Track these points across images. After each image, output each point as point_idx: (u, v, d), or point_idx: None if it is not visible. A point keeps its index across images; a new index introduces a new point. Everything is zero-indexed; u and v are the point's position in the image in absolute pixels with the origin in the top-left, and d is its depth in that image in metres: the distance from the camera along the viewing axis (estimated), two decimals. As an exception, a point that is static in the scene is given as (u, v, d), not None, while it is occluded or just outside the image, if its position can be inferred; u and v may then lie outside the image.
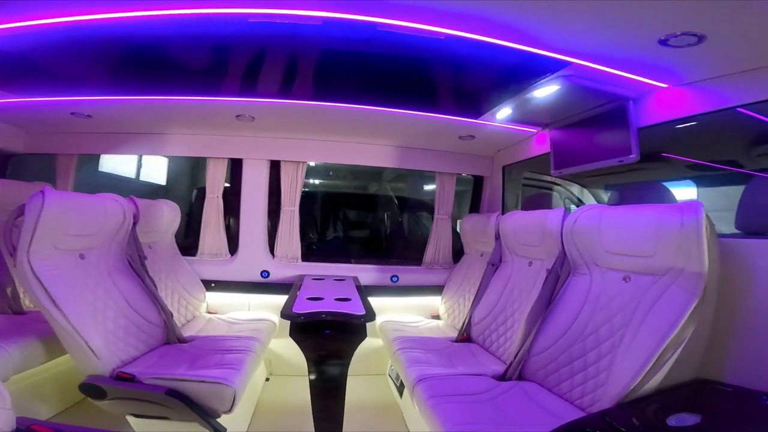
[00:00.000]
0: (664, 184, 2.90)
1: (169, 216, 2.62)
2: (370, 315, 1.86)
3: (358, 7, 1.27)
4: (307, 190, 3.90)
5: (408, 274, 3.07)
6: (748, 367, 1.28)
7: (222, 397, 1.60)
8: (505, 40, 1.40)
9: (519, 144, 2.71)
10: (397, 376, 2.38)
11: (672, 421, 1.07)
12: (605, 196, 3.25)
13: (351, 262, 3.10)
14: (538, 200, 2.51)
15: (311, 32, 1.46)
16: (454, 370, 1.94)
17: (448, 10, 1.24)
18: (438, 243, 3.08)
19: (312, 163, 3.56)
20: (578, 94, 1.80)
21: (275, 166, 2.93)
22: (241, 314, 2.74)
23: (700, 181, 2.67)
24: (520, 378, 1.83)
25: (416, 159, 3.02)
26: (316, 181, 4.14)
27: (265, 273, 2.89)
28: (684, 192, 2.79)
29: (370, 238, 3.88)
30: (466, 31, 1.37)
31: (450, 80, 1.93)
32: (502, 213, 2.76)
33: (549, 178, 3.64)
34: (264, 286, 2.88)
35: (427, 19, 1.31)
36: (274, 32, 1.48)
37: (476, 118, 2.29)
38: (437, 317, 3.06)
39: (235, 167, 2.92)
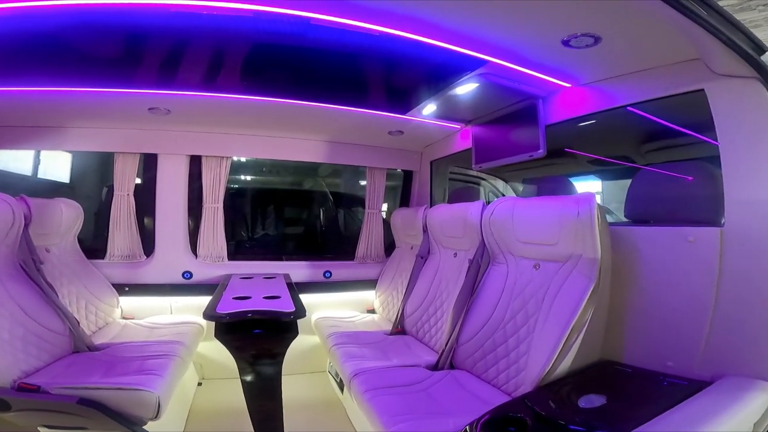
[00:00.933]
0: (574, 178, 3.20)
1: (68, 216, 2.37)
2: (301, 312, 1.84)
3: (291, 2, 1.26)
4: (236, 186, 3.73)
5: (341, 270, 3.07)
6: (643, 348, 1.43)
7: (144, 404, 1.52)
8: (431, 38, 1.44)
9: (445, 139, 2.81)
10: (337, 373, 2.39)
11: (582, 402, 1.17)
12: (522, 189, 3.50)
13: (282, 260, 3.03)
14: (463, 193, 2.63)
15: (241, 25, 1.41)
16: (389, 362, 1.97)
17: (377, 7, 1.26)
18: (370, 237, 3.11)
19: (243, 159, 3.42)
20: (495, 92, 1.90)
21: (196, 162, 2.75)
22: (163, 318, 2.57)
23: (603, 175, 2.96)
24: (452, 367, 1.90)
25: (346, 154, 3.01)
26: (247, 177, 3.96)
27: (187, 274, 2.73)
28: (589, 185, 3.10)
29: (304, 235, 3.80)
30: (396, 29, 1.39)
31: (380, 76, 1.95)
32: (430, 206, 2.85)
33: (475, 173, 3.83)
34: (187, 287, 2.71)
35: (357, 15, 1.32)
36: (198, 24, 1.40)
37: (404, 113, 2.34)
38: (372, 311, 3.10)
39: (150, 162, 2.70)
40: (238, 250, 3.18)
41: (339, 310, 2.97)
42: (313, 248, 3.62)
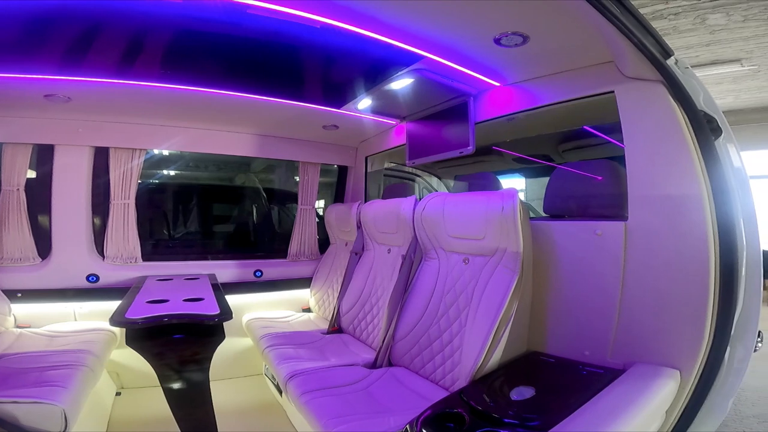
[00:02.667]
0: (501, 175, 3.37)
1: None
2: (226, 314, 1.74)
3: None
4: (157, 181, 3.43)
5: (273, 268, 2.95)
6: (563, 338, 1.51)
7: (48, 418, 1.38)
8: (368, 30, 1.42)
9: (380, 135, 2.80)
10: (273, 375, 2.29)
11: (514, 395, 1.22)
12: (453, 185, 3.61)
13: (208, 259, 2.83)
14: (397, 189, 2.64)
15: (167, 10, 1.32)
16: (327, 362, 1.93)
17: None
18: (303, 234, 3.02)
19: (165, 152, 3.15)
20: (430, 88, 1.92)
21: (103, 154, 2.47)
22: (65, 326, 2.29)
23: (527, 173, 3.15)
24: (390, 364, 1.90)
25: (278, 148, 2.89)
26: (171, 172, 3.65)
27: (93, 277, 2.44)
28: (515, 182, 3.27)
29: (233, 233, 3.59)
30: (333, 19, 1.35)
31: (314, 68, 1.88)
32: (365, 202, 2.83)
33: (410, 169, 3.89)
34: (93, 292, 2.43)
35: (293, 4, 1.27)
36: (114, 5, 1.28)
37: (339, 107, 2.29)
38: (308, 310, 3.02)
39: (45, 154, 2.37)
40: (156, 250, 2.92)
41: (272, 311, 2.86)
42: (243, 247, 3.43)
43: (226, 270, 2.78)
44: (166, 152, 3.17)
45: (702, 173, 1.19)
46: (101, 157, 2.48)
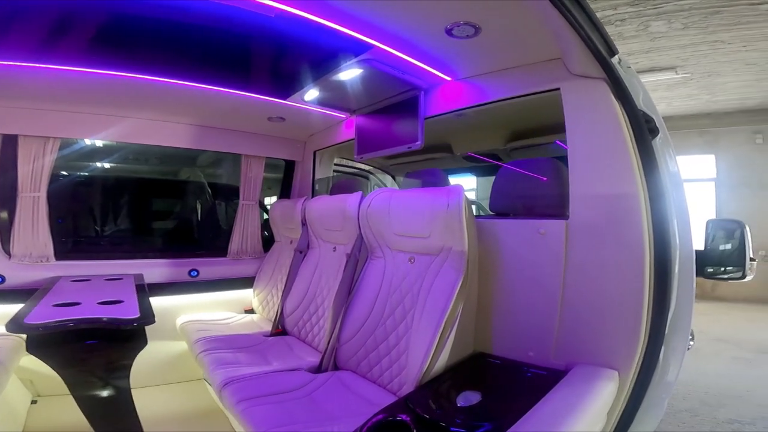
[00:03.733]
0: (452, 174, 3.37)
1: None
2: (147, 318, 1.59)
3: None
4: (86, 174, 3.12)
5: (211, 267, 2.76)
6: (508, 339, 1.48)
7: None
8: (314, 14, 1.34)
9: (330, 129, 2.69)
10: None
11: (461, 400, 1.17)
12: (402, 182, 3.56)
13: (137, 258, 2.59)
14: (347, 185, 2.54)
15: None
16: (269, 367, 1.81)
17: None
18: (245, 231, 2.84)
19: (99, 143, 2.87)
20: (380, 80, 1.84)
21: (12, 143, 2.18)
22: (-38, 332, 2.00)
23: (477, 172, 3.16)
24: (336, 367, 1.80)
25: (219, 140, 2.69)
26: (106, 165, 3.33)
27: None
28: (466, 181, 3.28)
29: (168, 230, 3.33)
30: (277, 1, 1.26)
31: (258, 56, 1.77)
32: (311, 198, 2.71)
33: (363, 166, 3.80)
34: None
35: None
36: None
37: (285, 98, 2.16)
38: (251, 311, 2.85)
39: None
40: (77, 248, 2.64)
41: (210, 312, 2.67)
42: (177, 245, 3.19)
43: (156, 269, 2.56)
44: (99, 143, 2.88)
45: (639, 172, 1.20)
46: (10, 147, 2.18)
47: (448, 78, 1.80)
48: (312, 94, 2.05)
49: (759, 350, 4.07)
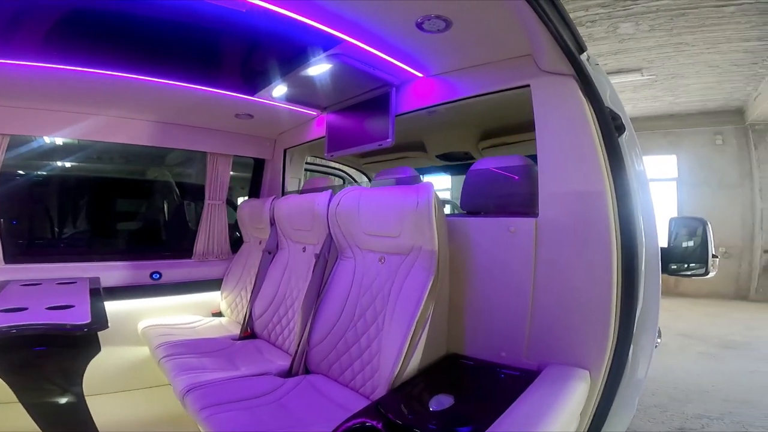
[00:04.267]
0: (426, 173, 3.34)
1: None
2: (99, 323, 1.51)
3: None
4: (44, 173, 2.93)
5: (175, 270, 2.64)
6: (481, 339, 1.46)
7: None
8: (284, 8, 1.29)
9: (300, 127, 2.61)
10: None
11: (433, 404, 1.14)
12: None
13: (94, 260, 2.45)
14: (318, 183, 2.48)
15: None
16: (236, 372, 1.73)
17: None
18: (211, 232, 2.73)
19: (59, 141, 2.72)
20: (350, 76, 1.79)
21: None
22: None
23: (452, 170, 3.14)
24: (307, 371, 1.74)
25: (183, 138, 2.57)
26: (66, 164, 3.14)
27: None
28: (443, 180, 3.27)
29: (129, 231, 3.16)
30: None
31: (224, 51, 1.70)
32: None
33: (337, 165, 3.73)
34: None
35: None
36: None
37: (252, 94, 2.08)
38: (219, 314, 2.74)
39: None
40: (30, 250, 2.47)
41: (175, 316, 2.56)
42: (138, 246, 3.04)
43: (115, 272, 2.43)
44: (59, 141, 2.72)
45: (606, 170, 1.19)
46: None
47: (420, 74, 1.77)
48: (280, 90, 1.98)
49: (722, 345, 4.22)
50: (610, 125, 1.23)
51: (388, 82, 1.84)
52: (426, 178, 2.06)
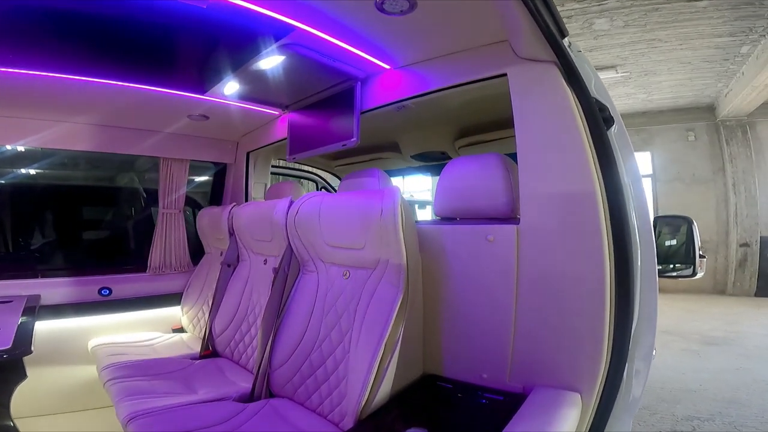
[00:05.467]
0: (402, 174, 3.17)
1: None
2: (22, 348, 1.38)
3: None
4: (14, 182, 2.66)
5: (129, 284, 2.40)
6: (460, 359, 1.30)
7: None
8: None
9: (263, 128, 2.39)
10: None
11: None
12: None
13: (36, 277, 2.20)
14: (283, 189, 2.27)
15: None
16: (192, 396, 1.54)
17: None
18: (167, 243, 2.49)
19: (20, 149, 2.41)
20: (308, 70, 1.59)
21: None
22: None
23: (433, 171, 2.96)
24: (271, 394, 1.55)
25: (131, 142, 2.32)
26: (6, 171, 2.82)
27: None
28: (423, 181, 3.09)
29: (75, 244, 2.83)
30: None
31: (167, 46, 1.50)
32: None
33: (308, 168, 3.52)
34: None
35: None
36: None
37: (202, 93, 1.87)
38: (180, 330, 2.51)
39: None
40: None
41: (131, 333, 2.33)
42: (84, 260, 2.74)
43: (59, 289, 2.19)
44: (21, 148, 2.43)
45: (595, 167, 1.03)
46: None
47: (387, 66, 1.59)
48: (232, 86, 1.77)
49: (704, 342, 4.19)
50: (598, 117, 1.08)
51: (351, 76, 1.65)
52: (404, 180, 1.89)
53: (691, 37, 4.49)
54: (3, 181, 2.69)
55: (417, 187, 8.59)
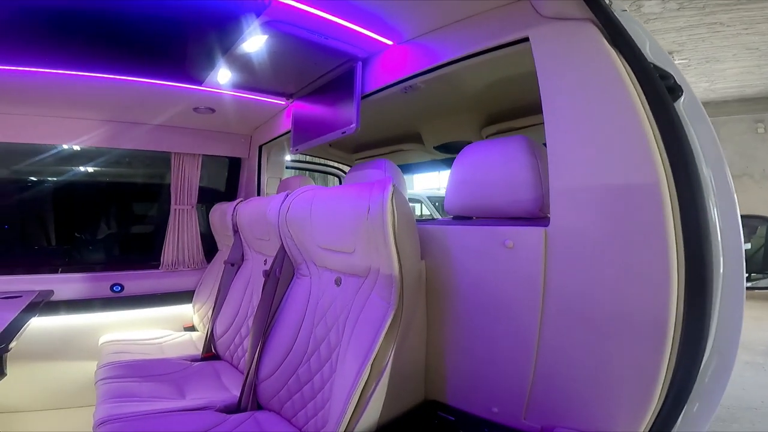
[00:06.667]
0: (423, 168, 2.90)
1: None
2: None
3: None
4: (34, 179, 2.64)
5: (140, 281, 2.31)
6: (467, 387, 1.07)
7: None
8: None
9: (273, 119, 2.22)
10: None
11: None
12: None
13: (51, 272, 2.17)
14: (291, 183, 2.09)
15: None
16: (180, 401, 1.44)
17: None
18: (180, 240, 2.37)
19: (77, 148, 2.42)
20: (304, 52, 1.42)
21: None
22: None
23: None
24: (258, 406, 1.39)
25: (141, 137, 2.22)
26: (21, 168, 2.80)
27: None
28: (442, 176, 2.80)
29: (88, 240, 2.74)
30: None
31: (157, 37, 1.39)
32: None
33: (333, 163, 3.31)
34: None
35: None
36: None
37: (200, 84, 1.72)
38: (192, 328, 2.42)
39: None
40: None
41: (141, 331, 2.25)
42: (97, 256, 2.69)
43: (72, 285, 2.13)
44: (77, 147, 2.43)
45: (659, 152, 0.74)
46: None
47: (390, 42, 1.34)
48: (224, 74, 1.60)
49: (771, 354, 3.63)
50: (659, 85, 0.78)
51: (351, 56, 1.42)
52: (424, 175, 1.64)
53: (757, 21, 3.93)
54: (16, 178, 2.67)
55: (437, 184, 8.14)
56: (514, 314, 0.93)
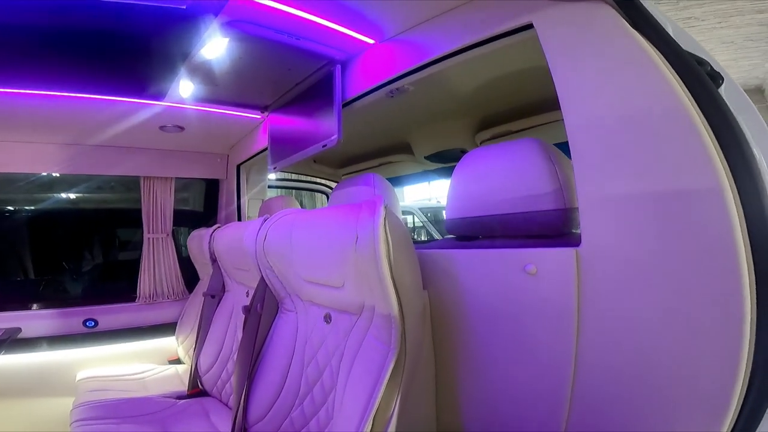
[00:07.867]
0: (415, 180, 2.73)
1: None
2: None
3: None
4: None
5: (117, 315, 2.09)
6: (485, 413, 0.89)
7: None
8: None
9: (249, 136, 2.04)
10: None
11: None
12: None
13: (15, 309, 1.95)
14: (273, 204, 1.89)
15: None
16: None
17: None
18: (156, 270, 2.16)
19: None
20: (276, 57, 1.26)
21: None
22: None
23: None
24: None
25: (105, 161, 2.01)
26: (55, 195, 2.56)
27: None
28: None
29: (58, 274, 2.48)
30: None
31: (108, 49, 1.24)
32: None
33: (321, 180, 3.11)
34: None
35: None
36: None
37: (161, 99, 1.55)
38: (177, 361, 2.21)
39: None
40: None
41: (122, 365, 2.04)
42: (69, 291, 2.44)
43: (41, 321, 1.93)
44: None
45: (714, 148, 0.58)
46: None
47: (371, 41, 1.18)
48: (187, 86, 1.42)
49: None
50: (699, 71, 0.63)
51: (328, 58, 1.26)
52: (413, 186, 1.47)
53: (730, 14, 3.96)
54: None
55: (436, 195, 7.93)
56: (541, 352, 0.76)
